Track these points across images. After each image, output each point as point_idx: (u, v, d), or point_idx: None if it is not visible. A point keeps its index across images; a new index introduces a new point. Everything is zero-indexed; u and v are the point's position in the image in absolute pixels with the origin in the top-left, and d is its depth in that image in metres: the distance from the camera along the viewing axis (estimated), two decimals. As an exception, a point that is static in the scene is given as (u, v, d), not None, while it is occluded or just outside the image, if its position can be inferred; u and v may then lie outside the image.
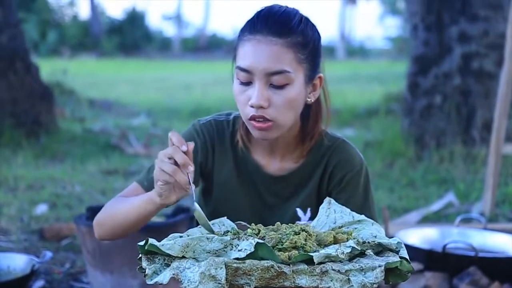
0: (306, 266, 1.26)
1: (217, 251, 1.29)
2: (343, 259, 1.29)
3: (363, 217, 1.49)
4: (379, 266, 1.28)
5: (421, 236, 3.05)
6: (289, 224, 1.44)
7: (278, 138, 1.70)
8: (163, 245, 1.28)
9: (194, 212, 1.44)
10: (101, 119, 9.01)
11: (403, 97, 6.81)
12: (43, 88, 6.88)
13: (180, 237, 1.34)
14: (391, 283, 1.34)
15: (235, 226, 1.51)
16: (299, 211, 1.77)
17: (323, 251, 1.29)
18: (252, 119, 1.59)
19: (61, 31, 26.67)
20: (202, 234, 1.33)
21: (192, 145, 1.46)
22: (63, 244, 3.49)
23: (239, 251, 1.26)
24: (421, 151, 5.86)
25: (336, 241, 1.37)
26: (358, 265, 1.28)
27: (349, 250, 1.30)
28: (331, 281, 1.25)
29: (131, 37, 28.86)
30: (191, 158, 1.45)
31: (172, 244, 1.27)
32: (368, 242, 1.36)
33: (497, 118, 3.96)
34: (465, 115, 5.86)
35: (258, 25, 1.58)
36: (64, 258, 3.28)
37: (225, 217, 1.54)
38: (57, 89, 9.61)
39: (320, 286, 1.25)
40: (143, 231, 1.79)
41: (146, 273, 1.27)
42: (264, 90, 1.57)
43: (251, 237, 1.30)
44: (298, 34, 1.59)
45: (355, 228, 1.45)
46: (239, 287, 1.25)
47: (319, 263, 1.27)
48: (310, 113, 1.74)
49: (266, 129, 1.59)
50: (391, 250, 1.36)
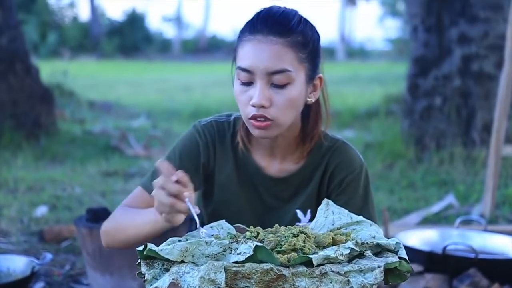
0: (305, 268, 1.26)
1: (216, 255, 1.28)
2: (342, 260, 1.29)
3: (361, 218, 1.48)
4: (378, 266, 1.28)
5: (421, 238, 3.05)
6: (287, 226, 1.44)
7: (278, 139, 1.70)
8: (162, 250, 1.27)
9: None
10: (101, 121, 9.01)
11: (403, 98, 6.81)
12: (43, 90, 6.88)
13: (179, 241, 1.34)
14: (390, 283, 1.34)
15: (233, 229, 1.51)
16: (299, 213, 1.76)
17: (322, 252, 1.29)
18: (252, 118, 1.59)
19: (61, 32, 26.67)
20: (201, 238, 1.33)
21: (181, 173, 1.42)
22: (63, 246, 3.48)
23: (238, 254, 1.26)
24: (421, 152, 5.86)
25: (334, 242, 1.37)
26: (357, 266, 1.28)
27: (348, 251, 1.30)
28: (330, 282, 1.25)
29: (131, 38, 28.86)
30: (186, 183, 1.42)
31: (171, 249, 1.27)
32: (367, 243, 1.36)
33: (497, 119, 3.96)
34: (465, 116, 5.86)
35: (258, 25, 1.58)
36: (64, 260, 3.28)
37: (224, 220, 1.54)
38: (57, 90, 9.60)
39: (319, 288, 1.26)
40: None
41: (146, 278, 1.27)
42: (266, 89, 1.57)
43: (250, 240, 1.30)
44: (298, 33, 1.59)
45: (354, 229, 1.45)
46: (238, 290, 1.24)
47: (318, 265, 1.26)
48: (310, 114, 1.74)
49: (265, 128, 1.59)
50: (390, 251, 1.36)
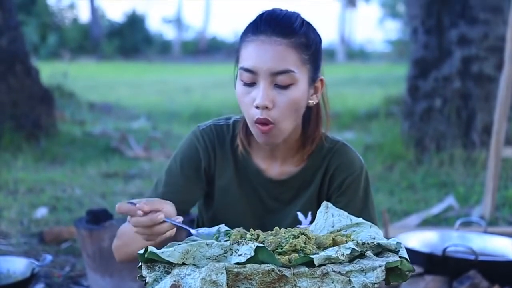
0: (306, 268, 1.26)
1: (217, 256, 1.29)
2: (343, 260, 1.30)
3: (361, 220, 1.49)
4: (380, 266, 1.28)
5: (421, 240, 3.05)
6: (287, 228, 1.44)
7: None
8: (163, 252, 1.27)
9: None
10: (101, 122, 9.00)
11: (403, 100, 6.81)
12: (43, 91, 6.88)
13: (180, 244, 1.34)
14: (391, 283, 1.34)
15: (231, 231, 1.51)
16: (300, 215, 1.77)
17: (323, 253, 1.29)
18: (257, 122, 1.59)
19: (61, 34, 26.65)
20: (202, 240, 1.33)
21: (142, 204, 1.43)
22: (63, 247, 3.48)
23: (239, 255, 1.26)
24: (421, 154, 5.86)
25: (335, 243, 1.37)
26: (359, 266, 1.28)
27: (349, 251, 1.31)
28: (332, 282, 1.25)
29: (131, 40, 28.85)
30: (154, 207, 1.44)
31: (172, 251, 1.27)
32: (368, 244, 1.36)
33: (497, 121, 3.96)
34: (465, 118, 5.86)
35: (262, 26, 1.59)
36: (64, 262, 3.28)
37: (223, 224, 1.54)
38: (57, 92, 9.60)
39: (321, 288, 1.26)
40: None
41: (147, 281, 1.27)
42: (269, 90, 1.57)
43: (251, 242, 1.30)
44: (301, 35, 1.59)
45: (354, 231, 1.45)
46: (240, 291, 1.25)
47: (320, 265, 1.27)
48: (311, 116, 1.74)
49: (269, 132, 1.60)
50: (390, 251, 1.37)
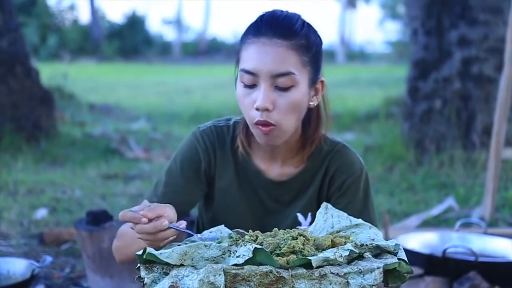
0: (304, 270, 1.26)
1: (215, 258, 1.29)
2: (342, 262, 1.30)
3: (360, 221, 1.49)
4: (378, 268, 1.28)
5: (421, 241, 3.05)
6: (286, 229, 1.44)
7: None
8: (161, 253, 1.27)
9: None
10: (101, 123, 9.01)
11: (403, 101, 6.81)
12: (43, 92, 6.88)
13: (179, 245, 1.34)
14: (390, 285, 1.34)
15: (233, 234, 1.51)
16: (300, 216, 1.77)
17: (321, 254, 1.29)
18: (258, 123, 1.59)
19: (61, 35, 26.65)
20: (200, 242, 1.33)
21: (146, 211, 1.41)
22: (63, 248, 3.48)
23: (237, 257, 1.26)
24: (421, 155, 5.86)
25: (334, 245, 1.37)
26: (357, 267, 1.28)
27: (347, 253, 1.31)
28: (330, 284, 1.25)
29: (131, 41, 28.85)
30: (157, 213, 1.42)
31: (170, 253, 1.27)
32: (366, 245, 1.37)
33: (497, 122, 3.96)
34: (465, 119, 5.86)
35: (263, 28, 1.59)
36: (64, 263, 3.28)
37: (223, 225, 1.54)
38: (57, 93, 9.60)
39: (319, 289, 1.26)
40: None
41: (145, 282, 1.27)
42: (270, 92, 1.57)
43: (249, 243, 1.30)
44: (302, 37, 1.60)
45: (353, 232, 1.45)
46: (238, 293, 1.25)
47: (318, 267, 1.27)
48: (310, 118, 1.75)
49: (270, 133, 1.60)
50: (389, 252, 1.37)
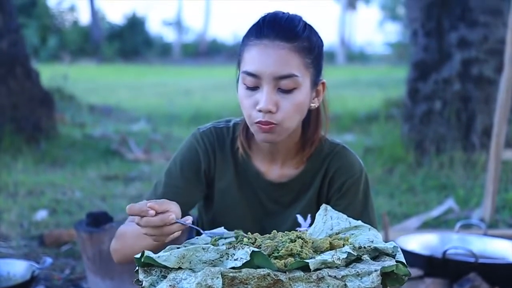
0: (302, 273, 1.26)
1: (213, 261, 1.29)
2: (339, 264, 1.30)
3: (360, 222, 1.49)
4: (375, 270, 1.28)
5: (421, 242, 3.05)
6: (285, 231, 1.44)
7: (278, 144, 1.70)
8: (159, 257, 1.28)
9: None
10: (101, 125, 9.01)
11: (403, 102, 6.81)
12: (43, 94, 6.88)
13: (177, 248, 1.34)
14: (388, 287, 1.34)
15: (239, 232, 1.51)
16: (300, 218, 1.77)
17: (319, 257, 1.29)
18: (258, 123, 1.59)
19: (61, 36, 26.67)
20: (199, 245, 1.33)
21: (152, 204, 1.40)
22: (63, 250, 3.48)
23: (235, 260, 1.26)
24: (421, 156, 5.85)
25: (332, 247, 1.37)
26: (354, 270, 1.28)
27: (345, 255, 1.31)
28: (327, 287, 1.25)
29: (131, 42, 28.86)
30: (163, 207, 1.41)
31: (168, 256, 1.27)
32: (364, 247, 1.37)
33: (496, 123, 3.96)
34: (465, 121, 5.86)
35: (265, 30, 1.59)
36: (64, 264, 3.28)
37: (223, 227, 1.54)
38: (57, 94, 9.61)
39: (317, 292, 1.26)
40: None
41: (143, 285, 1.27)
42: (273, 94, 1.57)
43: (246, 246, 1.31)
44: (304, 39, 1.60)
45: (352, 234, 1.45)
46: (236, 296, 1.25)
47: (315, 270, 1.27)
48: (310, 119, 1.75)
49: (269, 131, 1.60)
50: (387, 255, 1.37)
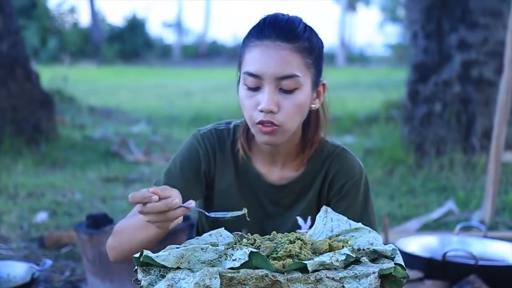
0: (300, 274, 1.26)
1: (211, 261, 1.29)
2: (338, 266, 1.30)
3: (360, 225, 1.49)
4: (373, 272, 1.28)
5: (421, 244, 3.05)
6: (285, 233, 1.44)
7: (279, 146, 1.70)
8: (158, 256, 1.28)
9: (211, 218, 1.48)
10: (101, 126, 9.01)
11: (403, 104, 6.81)
12: (43, 96, 6.88)
13: (177, 248, 1.34)
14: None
15: (232, 236, 1.51)
16: (300, 220, 1.77)
17: (317, 259, 1.29)
18: (259, 123, 1.59)
19: (61, 38, 26.68)
20: (198, 245, 1.34)
21: (156, 189, 1.41)
22: (63, 252, 3.48)
23: (233, 260, 1.27)
24: (421, 158, 5.85)
25: (331, 249, 1.37)
26: (353, 272, 1.28)
27: (343, 257, 1.31)
28: (325, 288, 1.26)
29: (132, 44, 28.88)
30: (167, 193, 1.42)
31: (166, 255, 1.28)
32: (363, 249, 1.37)
33: (496, 125, 3.96)
34: (465, 122, 5.86)
35: (266, 31, 1.59)
36: (64, 266, 3.28)
37: (223, 228, 1.54)
38: (57, 96, 9.61)
39: (315, 293, 1.26)
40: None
41: (142, 284, 1.27)
42: (274, 94, 1.58)
43: (245, 247, 1.31)
44: (304, 39, 1.60)
45: (352, 236, 1.45)
46: (234, 296, 1.25)
47: (314, 271, 1.27)
48: (310, 121, 1.75)
49: (272, 133, 1.60)
50: (386, 257, 1.37)
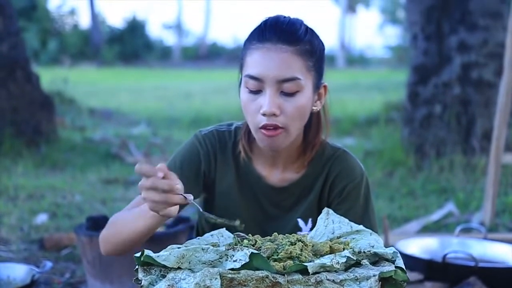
0: (300, 276, 1.26)
1: (212, 261, 1.29)
2: (338, 269, 1.30)
3: (361, 227, 1.49)
4: (374, 275, 1.28)
5: (421, 246, 3.05)
6: (286, 234, 1.44)
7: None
8: (158, 256, 1.28)
9: (205, 218, 1.46)
10: (101, 128, 9.01)
11: (403, 106, 6.81)
12: (43, 97, 6.88)
13: (178, 248, 1.34)
14: (387, 293, 1.34)
15: (233, 237, 1.51)
16: (301, 222, 1.77)
17: (318, 261, 1.29)
18: (263, 127, 1.59)
19: (61, 40, 26.68)
20: (199, 245, 1.34)
21: (163, 167, 1.41)
22: (63, 254, 3.48)
23: (234, 261, 1.27)
24: (421, 160, 5.86)
25: (332, 251, 1.37)
26: (353, 274, 1.28)
27: (344, 260, 1.31)
28: (325, 290, 1.26)
29: (132, 46, 28.88)
30: (171, 177, 1.42)
31: (167, 255, 1.28)
32: (364, 252, 1.37)
33: (496, 127, 3.96)
34: (465, 124, 5.86)
35: (267, 33, 1.59)
36: (64, 268, 3.27)
37: (224, 228, 1.54)
38: (57, 98, 9.61)
39: (315, 295, 1.26)
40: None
41: (142, 284, 1.27)
42: (276, 97, 1.58)
43: (246, 248, 1.31)
44: (305, 42, 1.60)
45: (353, 239, 1.45)
46: (234, 297, 1.25)
47: (314, 273, 1.27)
48: (311, 123, 1.75)
49: (276, 137, 1.60)
50: (387, 260, 1.37)
